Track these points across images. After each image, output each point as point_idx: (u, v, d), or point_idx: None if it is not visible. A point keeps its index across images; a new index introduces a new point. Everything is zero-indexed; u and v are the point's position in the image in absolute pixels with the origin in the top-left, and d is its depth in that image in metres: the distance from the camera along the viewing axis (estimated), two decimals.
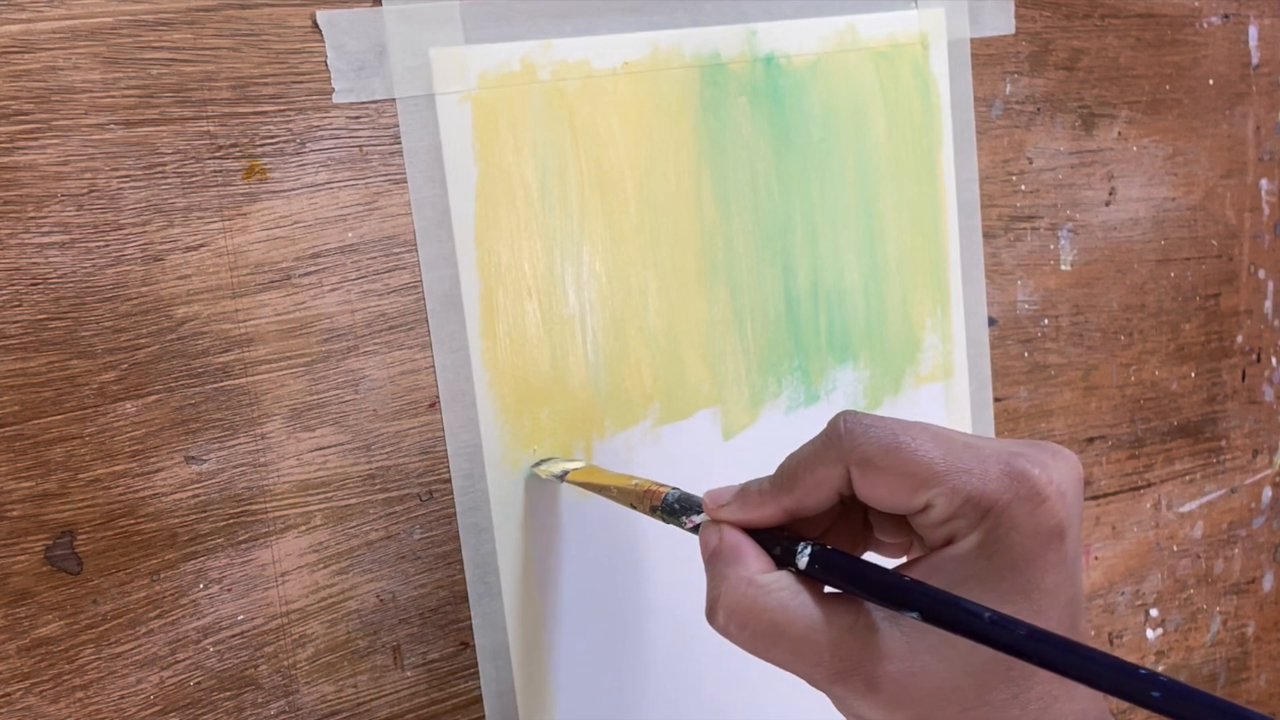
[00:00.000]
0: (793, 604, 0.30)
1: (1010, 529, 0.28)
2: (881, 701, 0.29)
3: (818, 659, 0.29)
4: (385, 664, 0.40)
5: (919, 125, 0.49)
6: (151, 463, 0.36)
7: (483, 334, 0.40)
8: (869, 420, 0.30)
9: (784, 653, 0.30)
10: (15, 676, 0.35)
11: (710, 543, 0.33)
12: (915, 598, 0.28)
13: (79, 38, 0.34)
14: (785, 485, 0.32)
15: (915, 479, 0.29)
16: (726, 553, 0.32)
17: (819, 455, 0.31)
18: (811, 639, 0.30)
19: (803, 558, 0.31)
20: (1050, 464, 0.29)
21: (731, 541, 0.32)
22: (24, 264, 0.34)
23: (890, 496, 0.30)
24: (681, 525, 0.36)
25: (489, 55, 0.39)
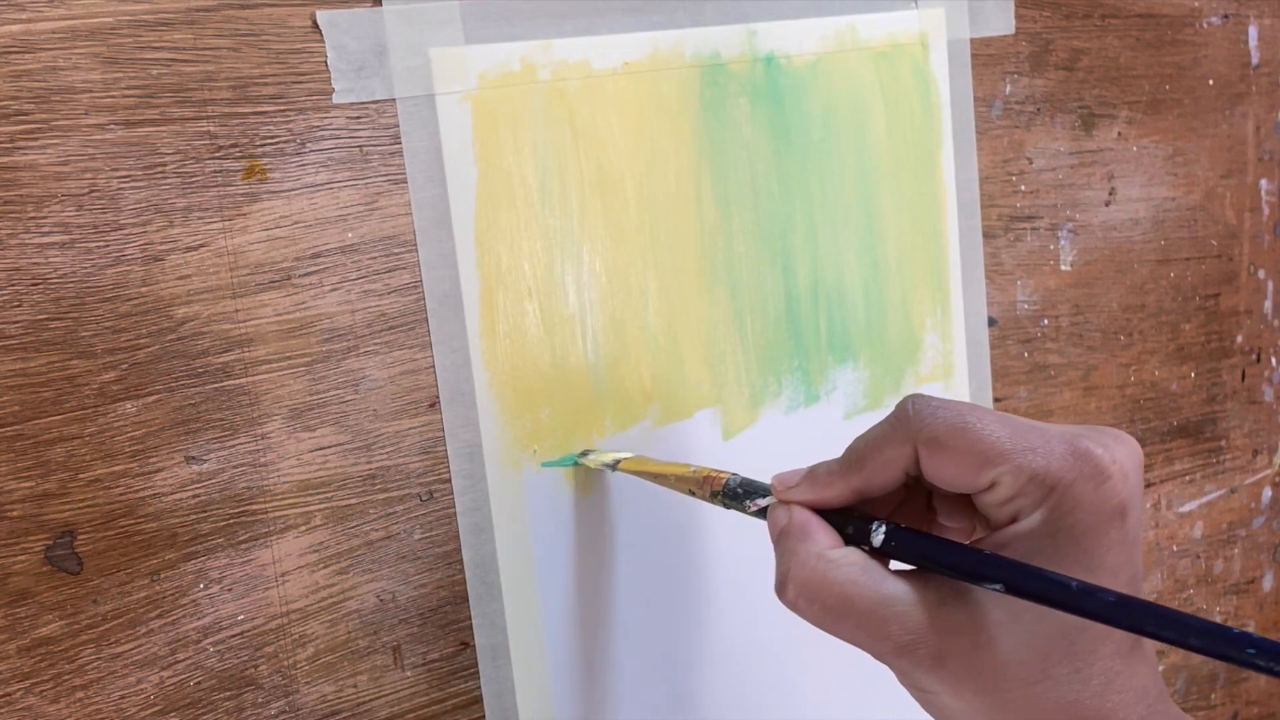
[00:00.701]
0: (862, 579, 0.31)
1: (1074, 506, 0.29)
2: (947, 675, 0.30)
3: (885, 633, 0.30)
4: (385, 664, 0.40)
5: (919, 125, 0.49)
6: (151, 463, 0.36)
7: (483, 334, 0.40)
8: (937, 402, 0.31)
9: (851, 626, 0.31)
10: (15, 676, 0.35)
11: (779, 522, 0.33)
12: (999, 569, 0.29)
13: (79, 38, 0.34)
14: (854, 465, 0.33)
15: (981, 457, 0.30)
16: (796, 530, 0.32)
17: (888, 435, 0.32)
18: (879, 613, 0.30)
19: (878, 535, 0.31)
20: (1113, 445, 0.30)
21: (801, 519, 0.33)
22: (24, 264, 0.34)
23: (957, 475, 0.31)
24: (744, 509, 0.36)
25: (489, 55, 0.39)
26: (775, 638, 0.48)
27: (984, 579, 0.29)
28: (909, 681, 0.32)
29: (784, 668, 0.48)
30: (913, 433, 0.31)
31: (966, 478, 0.30)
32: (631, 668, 0.44)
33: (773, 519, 0.34)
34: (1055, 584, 0.28)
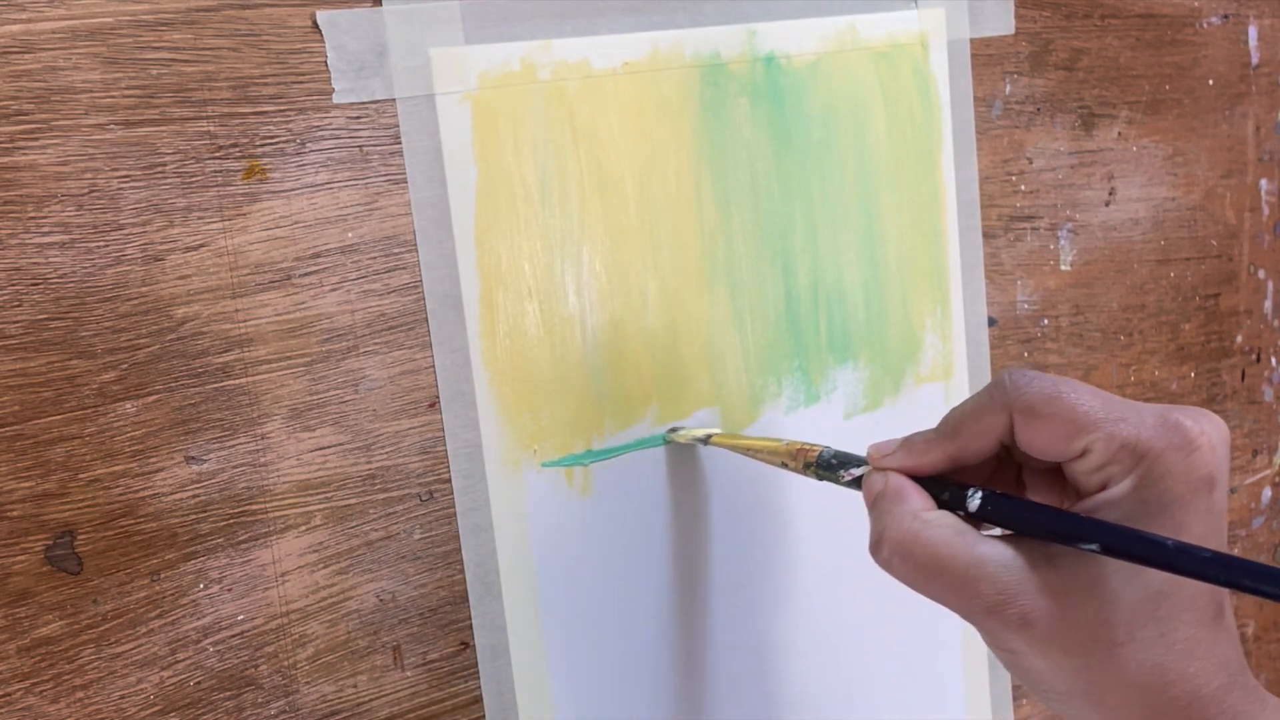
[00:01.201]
0: (955, 540, 0.31)
1: (1163, 475, 0.30)
2: (1034, 636, 0.31)
3: (975, 592, 0.31)
4: (385, 664, 0.40)
5: (919, 125, 0.49)
6: (151, 463, 0.36)
7: (483, 334, 0.40)
8: (1032, 373, 0.32)
9: (943, 585, 0.32)
10: (15, 676, 0.35)
11: (875, 487, 0.34)
12: (1095, 530, 0.30)
13: (79, 38, 0.34)
14: (951, 433, 0.34)
15: (1074, 425, 0.31)
16: (892, 493, 0.34)
17: (984, 405, 0.33)
18: (971, 573, 0.31)
19: (974, 500, 0.32)
20: (1202, 419, 0.31)
21: (897, 484, 0.34)
22: (24, 264, 0.34)
23: (1050, 443, 0.32)
24: (838, 480, 0.37)
25: (489, 55, 0.39)
26: (777, 636, 0.48)
27: (1080, 540, 0.30)
28: (996, 642, 0.32)
29: (787, 665, 0.48)
30: (1009, 401, 0.32)
31: (1059, 445, 0.31)
32: (631, 667, 0.44)
33: (868, 485, 0.35)
34: (1151, 543, 0.29)
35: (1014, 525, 0.32)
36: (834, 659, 0.49)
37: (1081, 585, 0.30)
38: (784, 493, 0.47)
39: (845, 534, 0.49)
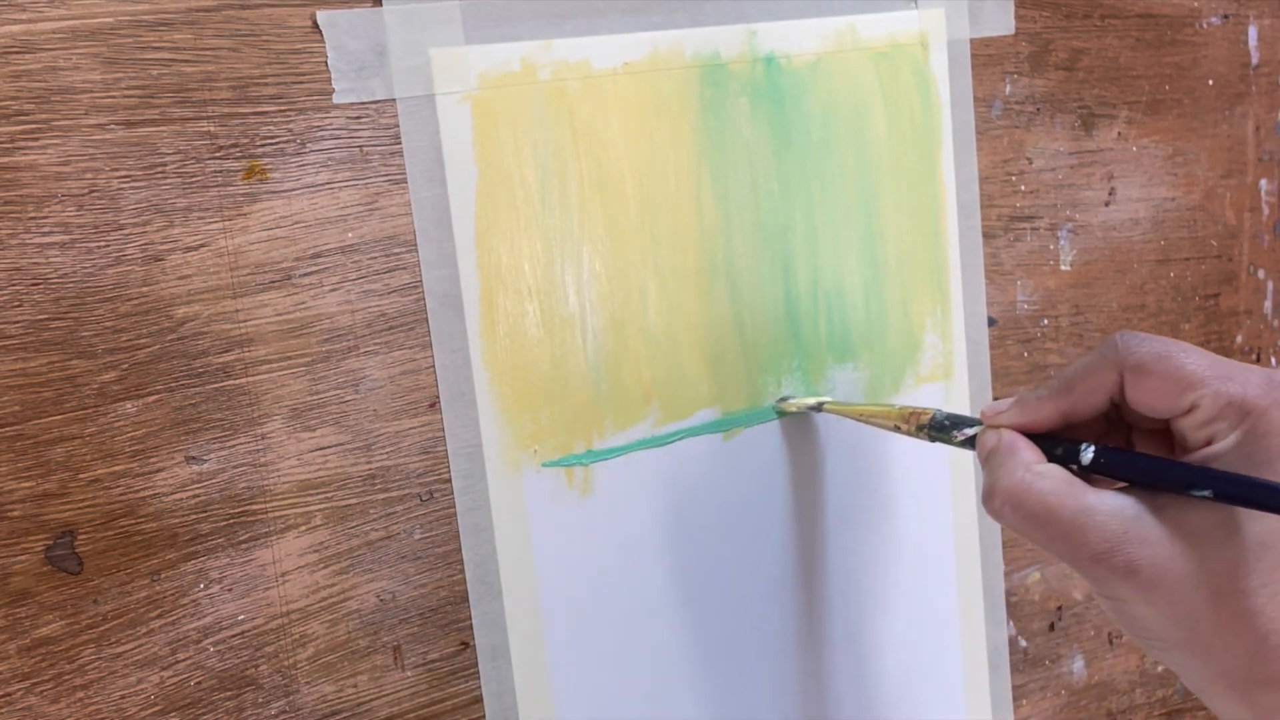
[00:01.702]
0: (1065, 490, 0.33)
1: (1268, 431, 0.31)
2: (1140, 584, 0.32)
3: (1084, 540, 0.32)
4: (385, 664, 0.40)
5: (919, 125, 0.49)
6: (152, 463, 0.36)
7: (483, 334, 0.40)
8: (1142, 334, 0.34)
9: (1052, 534, 0.33)
10: (15, 676, 0.35)
11: (989, 443, 0.36)
12: (1207, 478, 0.31)
13: (79, 38, 0.34)
14: (1063, 390, 0.35)
15: (1183, 382, 0.32)
16: (1005, 448, 0.35)
17: (1096, 364, 0.34)
18: (1079, 521, 0.32)
19: (1087, 454, 0.34)
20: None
21: (1009, 439, 0.35)
22: (24, 264, 0.34)
23: (1159, 399, 0.33)
24: (950, 440, 0.38)
25: (489, 55, 0.39)
26: (776, 636, 0.48)
27: (1193, 487, 0.31)
28: (1103, 589, 0.33)
29: (787, 665, 0.48)
30: (1120, 359, 0.34)
31: (1168, 401, 0.33)
32: (632, 667, 0.44)
33: (982, 442, 0.36)
34: (1264, 488, 0.30)
35: (1126, 476, 0.33)
36: (834, 659, 0.49)
37: (1187, 535, 0.31)
38: (784, 493, 0.47)
39: (846, 533, 0.49)
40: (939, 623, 0.52)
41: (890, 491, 0.50)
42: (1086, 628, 0.58)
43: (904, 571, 0.50)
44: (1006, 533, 0.54)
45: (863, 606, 0.50)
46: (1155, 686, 0.61)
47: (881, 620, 0.50)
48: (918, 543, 0.51)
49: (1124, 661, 0.60)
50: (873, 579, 0.50)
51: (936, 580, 0.51)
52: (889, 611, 0.50)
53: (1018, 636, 0.55)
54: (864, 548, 0.49)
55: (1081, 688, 0.58)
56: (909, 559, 0.50)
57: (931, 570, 0.51)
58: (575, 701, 0.43)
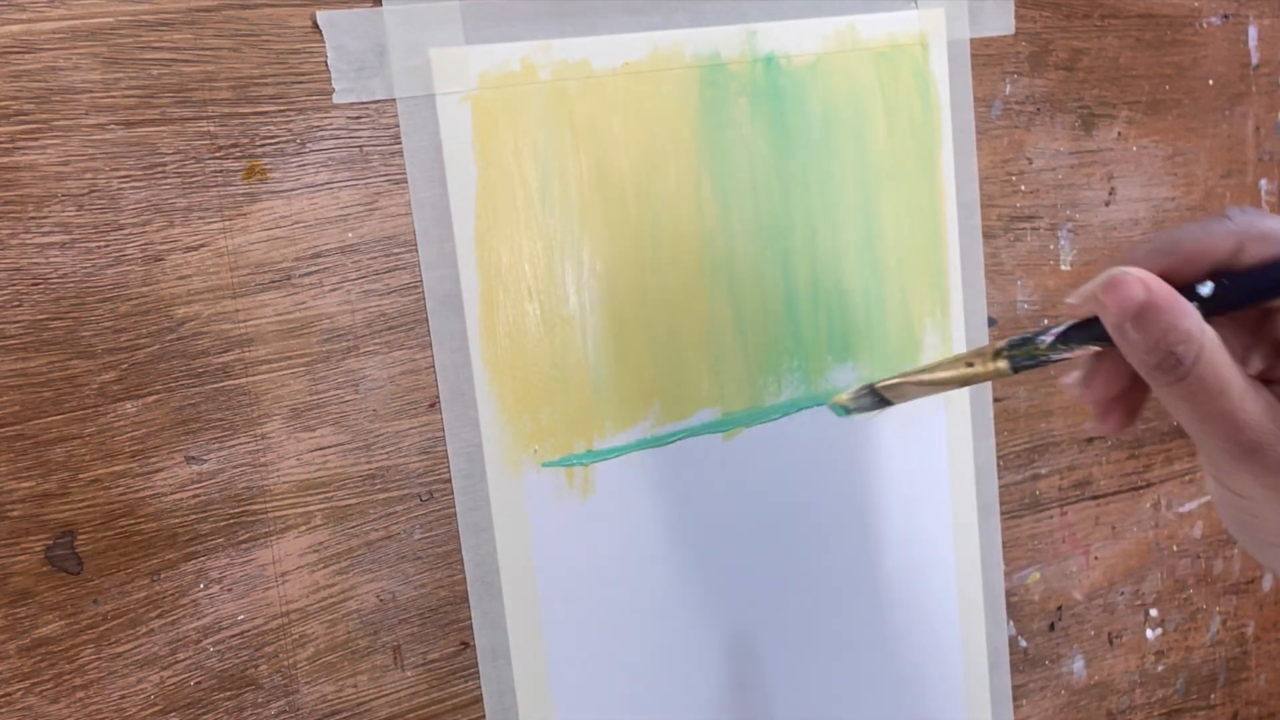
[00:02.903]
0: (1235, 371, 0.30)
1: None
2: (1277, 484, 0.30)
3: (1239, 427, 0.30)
4: (385, 664, 0.40)
5: (919, 125, 0.49)
6: (151, 463, 0.36)
7: (483, 334, 0.40)
8: (1258, 209, 0.31)
9: (1210, 411, 0.30)
10: (15, 676, 0.35)
11: (1136, 296, 0.30)
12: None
13: (79, 38, 0.34)
14: (1167, 249, 0.32)
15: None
16: (1161, 299, 0.30)
17: (1209, 227, 0.31)
18: (1245, 407, 0.30)
19: (1205, 288, 0.30)
20: None
21: (1160, 287, 0.30)
22: (24, 264, 0.34)
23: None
24: (1036, 353, 0.33)
25: (489, 55, 0.39)
26: (776, 636, 0.48)
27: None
28: (1239, 485, 0.31)
29: (787, 665, 0.48)
30: (1240, 227, 0.31)
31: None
32: (632, 667, 0.44)
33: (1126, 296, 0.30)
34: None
35: (1256, 296, 0.30)
36: (834, 659, 0.49)
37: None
38: (784, 493, 0.47)
39: (846, 534, 0.49)
40: (939, 623, 0.52)
41: (890, 492, 0.50)
42: (1086, 628, 0.58)
43: (904, 571, 0.50)
44: (1006, 533, 0.54)
45: (863, 606, 0.50)
46: (1155, 686, 0.61)
47: (882, 620, 0.50)
48: (918, 543, 0.51)
49: (1124, 661, 0.60)
50: (873, 579, 0.50)
51: (936, 580, 0.51)
52: (889, 611, 0.50)
53: (1018, 636, 0.55)
54: (864, 547, 0.49)
55: (1081, 688, 0.58)
56: (909, 559, 0.50)
57: (931, 570, 0.51)
58: (575, 701, 0.43)
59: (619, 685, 0.44)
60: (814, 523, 0.48)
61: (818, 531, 0.48)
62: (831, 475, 0.48)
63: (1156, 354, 0.30)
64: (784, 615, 0.48)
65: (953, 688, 0.53)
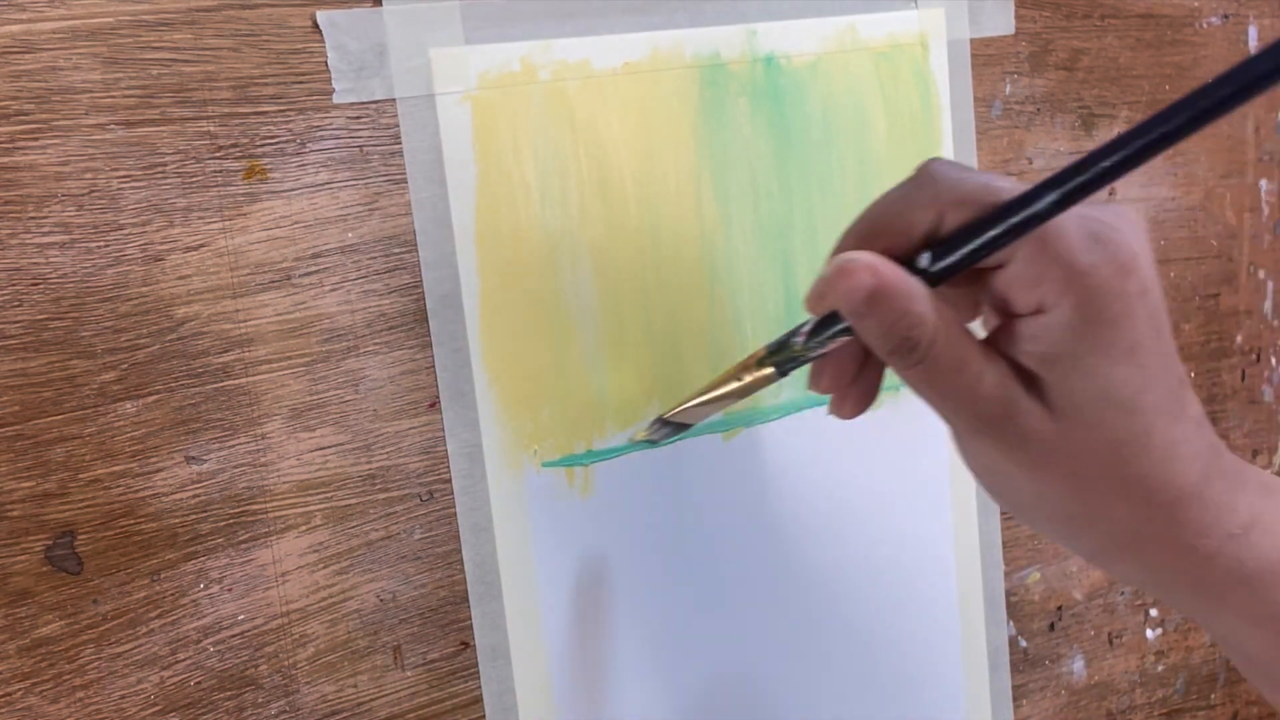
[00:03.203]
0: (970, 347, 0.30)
1: (1100, 292, 0.29)
2: (1030, 458, 0.30)
3: (974, 402, 0.30)
4: (385, 664, 0.40)
5: (919, 125, 0.49)
6: (151, 463, 0.36)
7: (483, 334, 0.40)
8: (960, 164, 0.30)
9: (944, 389, 0.30)
10: (15, 676, 0.35)
11: (865, 284, 0.29)
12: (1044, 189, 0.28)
13: (79, 38, 0.34)
14: (869, 231, 0.31)
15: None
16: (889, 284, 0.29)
17: (910, 197, 0.30)
18: (976, 381, 0.30)
19: (924, 258, 0.30)
20: (1120, 224, 0.30)
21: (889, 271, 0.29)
22: (24, 264, 0.34)
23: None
24: (794, 354, 0.33)
25: (489, 55, 0.39)
26: (777, 636, 0.48)
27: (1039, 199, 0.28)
28: (984, 460, 0.32)
29: (787, 665, 0.48)
30: (940, 193, 0.30)
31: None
32: (632, 667, 0.44)
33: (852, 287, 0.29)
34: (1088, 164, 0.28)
35: (974, 255, 0.29)
36: (834, 659, 0.49)
37: (1071, 409, 0.30)
38: (784, 492, 0.47)
39: (846, 534, 0.49)
40: (939, 623, 0.52)
41: (890, 491, 0.50)
42: (1086, 628, 0.58)
43: (904, 571, 0.50)
44: (1006, 532, 0.54)
45: (862, 606, 0.50)
46: (1155, 686, 0.61)
47: (881, 620, 0.50)
48: (918, 543, 0.51)
49: (1124, 661, 0.60)
50: (872, 579, 0.50)
51: (936, 580, 0.51)
52: (889, 611, 0.50)
53: (1018, 636, 0.55)
54: (864, 547, 0.49)
55: (1081, 688, 0.58)
56: (909, 559, 0.50)
57: (931, 570, 0.51)
58: (575, 701, 0.43)
59: (619, 685, 0.44)
60: (813, 522, 0.48)
61: (817, 531, 0.48)
62: (831, 475, 0.48)
63: (892, 339, 0.30)
64: (783, 615, 0.48)
65: (953, 688, 0.53)
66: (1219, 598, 0.32)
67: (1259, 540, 0.31)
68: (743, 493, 0.46)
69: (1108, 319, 0.29)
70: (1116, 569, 0.33)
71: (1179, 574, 0.32)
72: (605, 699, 0.44)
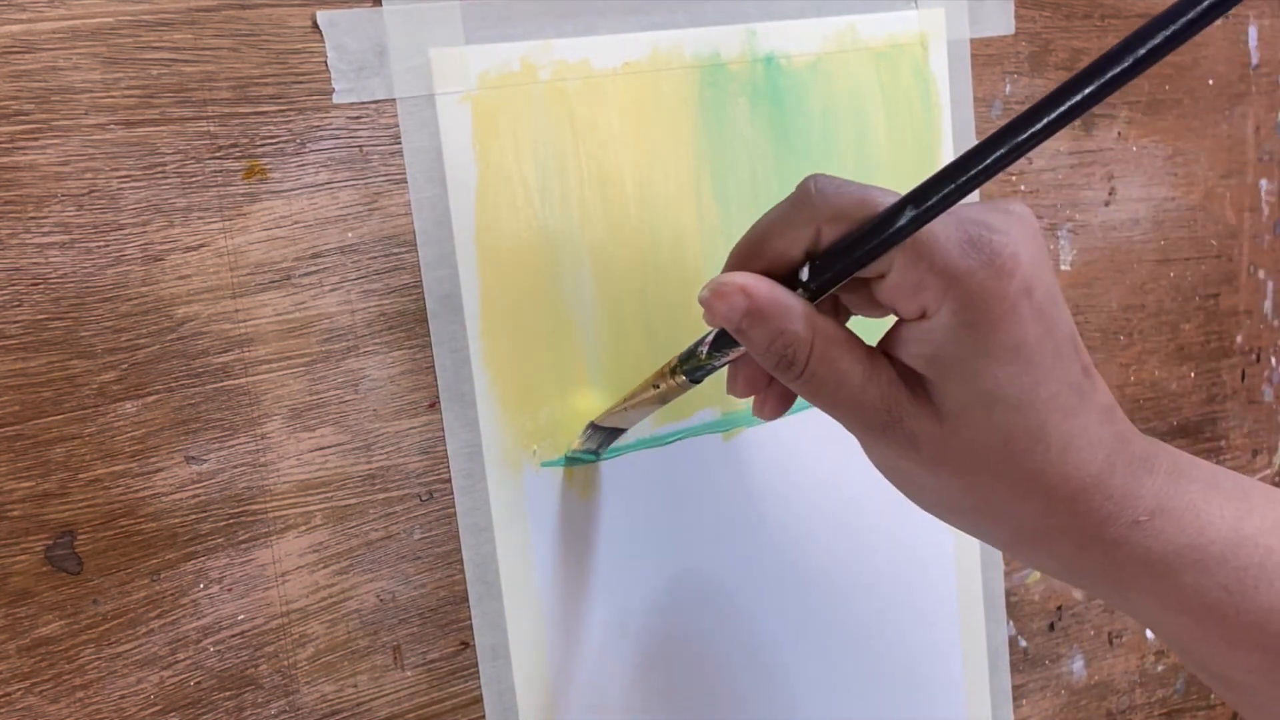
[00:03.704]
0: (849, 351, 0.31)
1: (979, 295, 0.29)
2: (922, 458, 0.31)
3: (863, 409, 0.31)
4: (385, 664, 0.40)
5: (919, 125, 0.49)
6: (151, 463, 0.36)
7: (483, 334, 0.40)
8: (840, 180, 0.31)
9: (835, 400, 0.31)
10: (15, 676, 0.35)
11: (738, 304, 0.31)
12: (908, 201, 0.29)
13: (79, 38, 0.34)
14: (752, 251, 0.32)
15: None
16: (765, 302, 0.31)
17: (788, 216, 0.31)
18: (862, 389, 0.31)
19: (804, 272, 0.31)
20: (1003, 225, 0.30)
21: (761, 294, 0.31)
22: (24, 264, 0.34)
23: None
24: (701, 363, 0.35)
25: (489, 55, 0.39)
26: (776, 636, 0.48)
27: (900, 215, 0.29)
28: (884, 461, 0.33)
29: (786, 665, 0.48)
30: (816, 211, 0.31)
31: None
32: (632, 667, 0.44)
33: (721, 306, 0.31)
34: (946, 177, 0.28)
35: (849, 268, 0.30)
36: (834, 659, 0.49)
37: (957, 411, 0.30)
38: (784, 493, 0.47)
39: (846, 534, 0.49)
40: (939, 623, 0.52)
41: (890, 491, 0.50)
42: (1086, 628, 0.58)
43: (904, 571, 0.50)
44: None
45: (862, 606, 0.50)
46: (1155, 686, 0.61)
47: (881, 620, 0.50)
48: (917, 543, 0.51)
49: (1124, 661, 0.60)
50: (872, 579, 0.50)
51: (936, 580, 0.51)
52: (889, 611, 0.50)
53: (1018, 636, 0.55)
54: (864, 547, 0.49)
55: (1081, 688, 0.58)
56: (909, 559, 0.50)
57: (931, 570, 0.51)
58: (575, 701, 0.43)
59: (619, 685, 0.44)
60: (813, 522, 0.48)
61: (817, 531, 0.48)
62: (831, 475, 0.48)
63: (772, 356, 0.31)
64: (783, 615, 0.48)
65: (953, 688, 0.53)
66: (1130, 585, 0.32)
67: (1163, 526, 0.31)
68: (743, 493, 0.46)
69: (989, 321, 0.29)
70: (1029, 559, 0.33)
71: (1088, 563, 0.32)
72: (605, 699, 0.44)
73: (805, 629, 0.48)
